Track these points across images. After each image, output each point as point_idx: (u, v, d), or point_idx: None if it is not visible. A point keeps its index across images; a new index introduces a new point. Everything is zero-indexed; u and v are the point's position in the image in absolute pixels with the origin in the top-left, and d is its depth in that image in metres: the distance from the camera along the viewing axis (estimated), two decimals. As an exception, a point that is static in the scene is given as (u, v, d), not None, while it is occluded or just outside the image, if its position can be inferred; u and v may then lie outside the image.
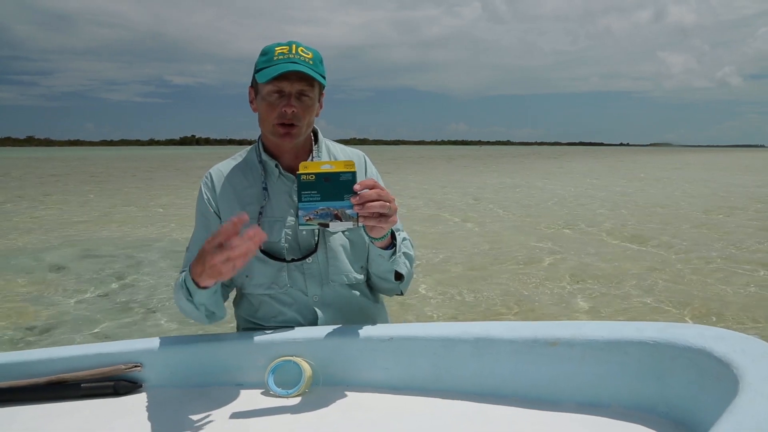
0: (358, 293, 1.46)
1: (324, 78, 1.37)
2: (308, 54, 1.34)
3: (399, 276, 1.41)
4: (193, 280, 1.19)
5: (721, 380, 0.85)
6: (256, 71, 1.35)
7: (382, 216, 1.13)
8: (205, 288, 1.20)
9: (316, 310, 1.40)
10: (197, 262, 1.16)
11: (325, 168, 1.11)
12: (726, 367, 0.85)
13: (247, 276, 1.40)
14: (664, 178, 23.29)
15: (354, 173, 1.10)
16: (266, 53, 1.34)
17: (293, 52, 1.32)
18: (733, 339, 0.93)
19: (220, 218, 1.42)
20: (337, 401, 1.15)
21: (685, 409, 0.94)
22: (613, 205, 13.05)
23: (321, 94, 1.41)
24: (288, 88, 1.32)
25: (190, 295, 1.24)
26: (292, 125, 1.34)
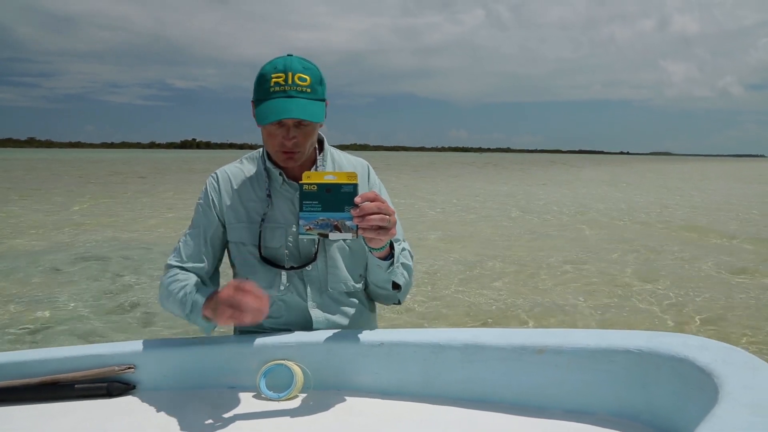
0: (356, 301, 1.47)
1: (324, 101, 1.34)
2: (305, 81, 1.30)
3: (396, 286, 1.42)
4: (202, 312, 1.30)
5: (703, 389, 0.86)
6: (254, 100, 1.34)
7: (381, 229, 1.14)
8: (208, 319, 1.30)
9: (313, 316, 1.41)
10: (209, 303, 1.27)
11: (328, 179, 1.12)
12: (708, 376, 0.86)
13: (248, 279, 1.42)
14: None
15: (356, 185, 1.12)
16: (262, 82, 1.31)
17: (289, 82, 1.28)
18: (716, 349, 0.95)
19: (220, 220, 1.44)
20: (328, 405, 1.16)
21: (669, 418, 0.95)
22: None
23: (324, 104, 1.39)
24: (287, 122, 1.31)
25: (191, 311, 1.31)
26: (293, 152, 1.35)
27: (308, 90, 1.30)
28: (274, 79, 1.30)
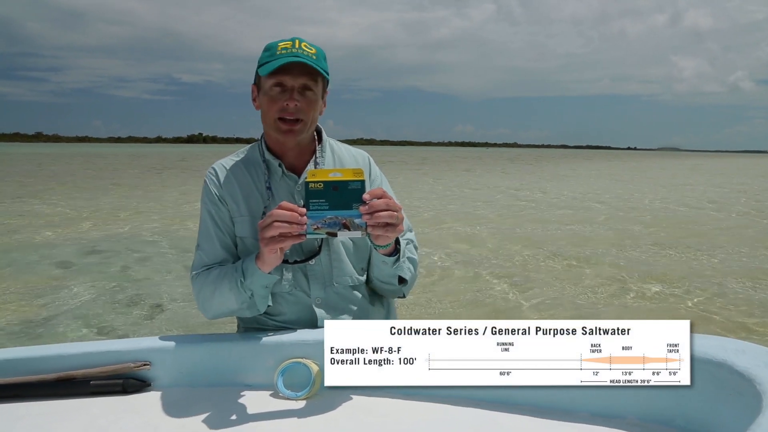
0: (359, 294, 1.45)
1: (327, 74, 1.35)
2: (311, 49, 1.32)
3: (402, 280, 1.40)
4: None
5: (742, 395, 0.83)
6: (259, 66, 1.34)
7: (389, 225, 1.12)
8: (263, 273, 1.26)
9: (317, 311, 1.39)
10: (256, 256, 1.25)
11: (334, 176, 1.10)
12: (748, 381, 0.83)
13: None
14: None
15: (363, 182, 1.10)
16: (269, 49, 1.33)
17: (296, 47, 1.31)
18: (755, 352, 0.91)
19: (228, 210, 1.40)
20: (346, 405, 1.13)
21: (704, 424, 0.92)
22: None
23: (325, 92, 1.39)
24: (290, 82, 1.31)
25: (244, 277, 1.27)
26: (295, 121, 1.32)
27: (315, 58, 1.32)
28: (281, 46, 1.32)
